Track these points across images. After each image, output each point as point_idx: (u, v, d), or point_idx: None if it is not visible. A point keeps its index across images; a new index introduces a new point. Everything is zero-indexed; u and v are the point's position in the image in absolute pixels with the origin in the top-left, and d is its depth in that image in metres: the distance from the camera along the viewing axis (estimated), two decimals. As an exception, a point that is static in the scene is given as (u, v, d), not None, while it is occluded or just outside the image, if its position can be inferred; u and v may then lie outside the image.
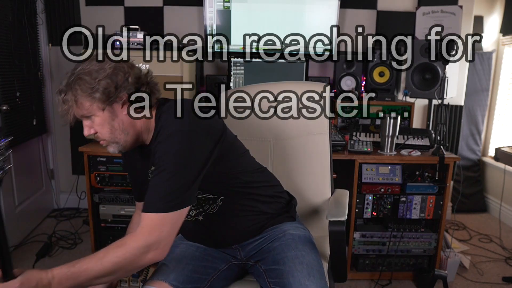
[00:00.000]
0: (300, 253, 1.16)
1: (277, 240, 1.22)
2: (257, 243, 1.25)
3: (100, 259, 0.96)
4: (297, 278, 1.09)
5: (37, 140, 2.85)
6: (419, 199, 2.11)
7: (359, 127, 2.34)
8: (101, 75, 1.03)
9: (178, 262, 1.20)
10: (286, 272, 1.11)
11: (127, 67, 1.08)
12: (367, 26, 2.82)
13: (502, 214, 3.04)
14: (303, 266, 1.12)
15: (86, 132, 1.09)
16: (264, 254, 1.22)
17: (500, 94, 3.28)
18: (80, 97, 1.03)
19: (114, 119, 1.07)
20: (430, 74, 2.28)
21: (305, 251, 1.18)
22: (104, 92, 1.02)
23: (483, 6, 3.09)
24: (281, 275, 1.11)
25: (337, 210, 1.32)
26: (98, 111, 1.04)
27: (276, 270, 1.14)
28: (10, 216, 2.44)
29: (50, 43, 2.90)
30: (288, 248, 1.18)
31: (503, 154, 2.31)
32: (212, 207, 1.20)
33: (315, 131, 1.59)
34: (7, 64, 2.41)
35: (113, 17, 2.81)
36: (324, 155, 1.59)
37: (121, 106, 1.07)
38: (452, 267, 2.21)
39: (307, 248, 1.20)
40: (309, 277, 1.09)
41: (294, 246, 1.19)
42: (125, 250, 0.97)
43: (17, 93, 2.48)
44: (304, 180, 1.59)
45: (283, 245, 1.20)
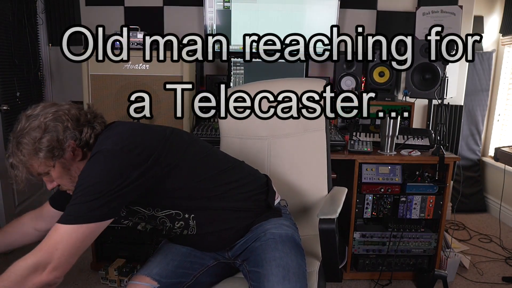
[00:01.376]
0: (278, 254, 1.12)
1: (259, 240, 1.18)
2: (242, 242, 1.22)
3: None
4: (272, 282, 1.06)
5: (37, 140, 2.85)
6: (419, 199, 2.11)
7: (359, 127, 2.34)
8: (39, 133, 0.98)
9: (164, 257, 1.20)
10: (263, 276, 1.08)
11: (64, 114, 1.03)
12: (367, 26, 2.81)
13: (502, 214, 3.04)
14: (279, 269, 1.08)
15: (50, 187, 1.07)
16: (248, 254, 1.19)
17: (500, 94, 3.28)
18: (27, 161, 1.00)
19: (70, 168, 1.05)
20: (430, 74, 2.28)
21: (284, 251, 1.14)
22: (48, 149, 0.99)
23: (483, 6, 3.09)
24: (259, 279, 1.09)
25: (329, 208, 1.28)
26: (50, 168, 1.02)
27: (256, 273, 1.12)
28: (10, 216, 2.44)
29: (50, 43, 2.90)
30: (267, 249, 1.14)
31: (503, 154, 2.31)
32: (187, 228, 1.15)
33: (311, 128, 1.59)
34: (7, 64, 2.41)
35: (113, 17, 2.80)
36: (320, 152, 1.59)
37: (72, 154, 1.04)
38: (452, 267, 2.21)
39: (287, 248, 1.15)
40: (283, 281, 1.06)
41: (273, 246, 1.15)
42: (14, 270, 0.87)
43: (17, 93, 2.48)
44: (301, 178, 1.59)
45: (263, 245, 1.16)
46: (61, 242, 0.89)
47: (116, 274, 2.06)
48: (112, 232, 2.20)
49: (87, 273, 2.22)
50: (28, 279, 0.87)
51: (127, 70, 2.08)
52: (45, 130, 0.99)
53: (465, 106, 3.12)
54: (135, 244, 2.21)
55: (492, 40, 3.21)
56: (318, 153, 1.59)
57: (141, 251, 2.19)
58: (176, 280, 1.17)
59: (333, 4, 2.60)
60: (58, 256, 0.89)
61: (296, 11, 2.67)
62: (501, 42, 3.21)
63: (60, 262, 0.89)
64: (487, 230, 2.94)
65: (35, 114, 1.02)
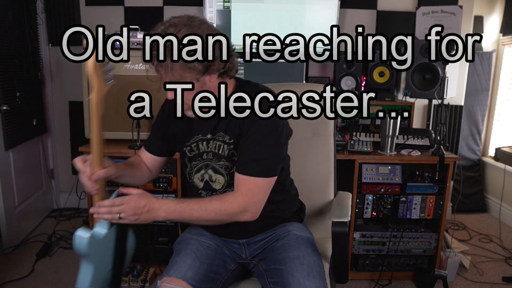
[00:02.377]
0: (301, 253, 1.18)
1: (281, 239, 1.25)
2: (262, 242, 1.27)
3: (204, 206, 1.10)
4: (297, 278, 1.10)
5: (37, 140, 2.85)
6: (419, 199, 2.11)
7: (359, 127, 2.34)
8: (200, 47, 1.07)
9: (194, 260, 1.18)
10: (287, 272, 1.12)
11: (221, 37, 1.13)
12: (367, 26, 2.82)
13: (502, 214, 3.04)
14: (304, 266, 1.13)
15: (171, 97, 1.12)
16: (267, 253, 1.24)
17: (500, 94, 3.28)
18: (179, 68, 1.08)
19: (203, 87, 1.13)
20: (430, 74, 2.28)
21: (307, 252, 1.19)
22: (203, 65, 1.09)
23: (483, 6, 3.09)
24: (281, 275, 1.12)
25: (341, 211, 1.33)
26: (193, 81, 1.10)
27: (277, 270, 1.15)
28: (10, 216, 2.44)
29: (50, 43, 2.90)
30: (290, 248, 1.20)
31: (503, 154, 2.31)
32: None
33: (320, 132, 1.61)
34: (7, 64, 2.41)
35: (113, 17, 2.81)
36: (328, 156, 1.62)
37: (210, 75, 1.12)
38: (452, 267, 2.21)
39: (309, 249, 1.21)
40: (308, 277, 1.10)
41: (296, 246, 1.21)
42: (228, 206, 1.11)
43: (17, 93, 2.48)
44: (308, 181, 1.60)
45: (286, 245, 1.22)
46: (259, 191, 1.14)
47: (116, 274, 2.06)
48: (112, 232, 2.20)
49: (87, 273, 2.22)
50: (238, 216, 1.12)
51: (127, 70, 2.08)
52: (205, 47, 1.10)
53: (465, 106, 3.12)
54: (135, 244, 2.21)
55: (492, 40, 3.21)
56: (326, 158, 1.62)
57: (141, 251, 2.19)
58: (208, 285, 1.16)
59: (333, 4, 2.60)
60: (256, 201, 1.13)
61: (296, 11, 2.67)
62: (501, 42, 3.21)
63: (258, 206, 1.14)
64: (487, 230, 2.94)
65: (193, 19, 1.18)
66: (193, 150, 1.24)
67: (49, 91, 2.98)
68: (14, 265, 2.28)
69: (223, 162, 1.20)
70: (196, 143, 1.23)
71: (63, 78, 2.99)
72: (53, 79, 2.99)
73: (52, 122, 3.05)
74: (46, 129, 2.96)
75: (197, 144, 1.23)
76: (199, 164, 1.24)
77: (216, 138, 1.20)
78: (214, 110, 1.16)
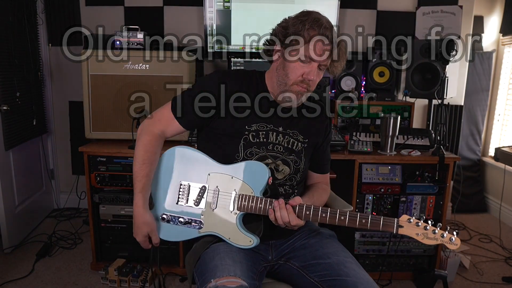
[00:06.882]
0: (340, 248, 1.25)
1: (312, 238, 1.29)
2: (289, 242, 1.29)
3: (321, 198, 1.36)
4: (350, 267, 1.14)
5: (37, 140, 2.85)
6: (419, 199, 2.11)
7: (359, 127, 2.34)
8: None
9: (232, 261, 1.13)
10: (337, 264, 1.16)
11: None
12: (367, 26, 2.82)
13: (502, 214, 3.05)
14: (349, 259, 1.19)
15: (313, 76, 1.21)
16: (298, 251, 1.26)
17: (500, 94, 3.28)
18: (343, 55, 1.25)
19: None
20: (430, 74, 2.28)
21: (341, 248, 1.26)
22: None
23: (483, 6, 3.09)
24: (331, 267, 1.15)
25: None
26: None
27: (321, 264, 1.18)
28: (10, 216, 2.44)
29: (50, 43, 2.90)
30: (327, 245, 1.25)
31: (503, 154, 2.31)
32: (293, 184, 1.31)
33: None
34: (7, 64, 2.41)
35: (113, 17, 2.80)
36: None
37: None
38: (452, 267, 2.21)
39: (341, 246, 1.28)
40: (359, 268, 1.16)
41: (331, 244, 1.26)
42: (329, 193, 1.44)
43: (17, 93, 2.48)
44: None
45: (322, 242, 1.26)
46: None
47: (116, 274, 2.06)
48: (112, 232, 2.20)
49: (87, 273, 2.22)
50: None
51: (127, 70, 2.08)
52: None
53: (465, 106, 3.12)
54: (135, 244, 2.19)
55: (492, 40, 3.21)
56: None
57: (141, 251, 2.18)
58: (253, 282, 1.11)
59: (333, 4, 2.60)
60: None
61: (296, 11, 2.65)
62: (501, 42, 3.21)
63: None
64: (487, 230, 2.94)
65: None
66: (259, 137, 1.25)
67: (49, 91, 2.98)
68: (14, 265, 2.28)
69: (293, 156, 1.28)
70: (265, 132, 1.25)
71: (63, 78, 2.98)
72: (53, 79, 2.99)
73: (52, 122, 3.05)
74: (46, 129, 2.95)
75: (267, 133, 1.25)
76: (262, 153, 1.25)
77: (287, 133, 1.28)
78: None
